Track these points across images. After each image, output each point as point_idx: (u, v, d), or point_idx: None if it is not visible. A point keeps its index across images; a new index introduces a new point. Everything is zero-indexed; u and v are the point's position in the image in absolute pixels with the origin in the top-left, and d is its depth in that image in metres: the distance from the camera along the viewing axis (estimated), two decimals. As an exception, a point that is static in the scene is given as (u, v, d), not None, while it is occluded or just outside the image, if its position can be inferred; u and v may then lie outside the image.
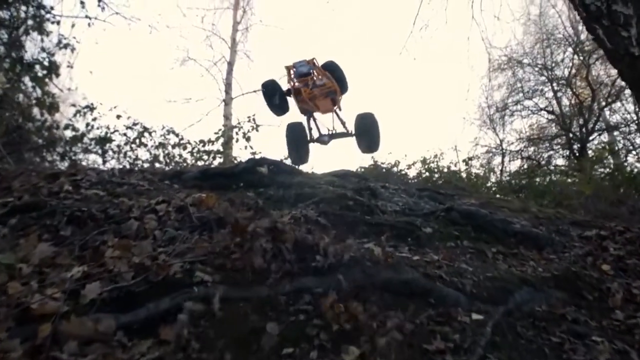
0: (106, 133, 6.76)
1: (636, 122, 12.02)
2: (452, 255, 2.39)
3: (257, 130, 6.92)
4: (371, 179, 4.41)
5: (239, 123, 7.60)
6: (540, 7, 11.54)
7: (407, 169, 9.35)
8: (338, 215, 2.62)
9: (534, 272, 2.33)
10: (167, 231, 2.02)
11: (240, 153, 7.96)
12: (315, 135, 5.38)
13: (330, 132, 5.30)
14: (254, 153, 7.07)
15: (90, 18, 6.13)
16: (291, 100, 5.19)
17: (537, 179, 9.47)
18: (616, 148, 10.13)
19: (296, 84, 5.02)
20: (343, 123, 5.36)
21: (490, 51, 10.48)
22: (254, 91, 12.80)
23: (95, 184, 2.81)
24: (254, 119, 6.82)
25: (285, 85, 5.23)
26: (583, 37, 11.51)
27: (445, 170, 9.70)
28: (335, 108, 5.19)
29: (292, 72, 5.07)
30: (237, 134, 6.89)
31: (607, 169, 8.90)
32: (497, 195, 9.26)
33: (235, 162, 6.75)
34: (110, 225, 2.03)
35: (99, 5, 6.06)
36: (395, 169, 9.38)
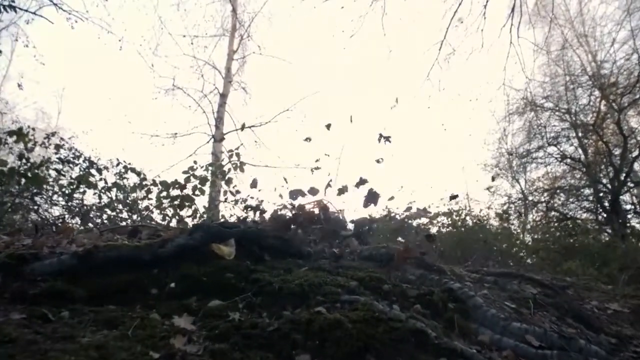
0: (31, 167, 4.84)
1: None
2: None
3: (242, 170, 5.06)
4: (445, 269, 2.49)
5: (220, 160, 5.82)
6: (563, 45, 10.44)
7: (429, 222, 7.56)
8: None
9: None
10: None
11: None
12: None
13: None
14: (237, 202, 5.18)
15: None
16: None
17: (587, 240, 7.76)
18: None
19: None
20: None
21: (509, 93, 9.26)
22: (250, 127, 11.01)
23: None
24: (237, 154, 4.97)
25: None
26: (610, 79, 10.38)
27: (472, 224, 7.97)
28: None
29: None
30: (213, 174, 4.98)
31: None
32: (543, 259, 7.49)
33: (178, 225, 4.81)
34: None
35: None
36: (412, 221, 7.60)
